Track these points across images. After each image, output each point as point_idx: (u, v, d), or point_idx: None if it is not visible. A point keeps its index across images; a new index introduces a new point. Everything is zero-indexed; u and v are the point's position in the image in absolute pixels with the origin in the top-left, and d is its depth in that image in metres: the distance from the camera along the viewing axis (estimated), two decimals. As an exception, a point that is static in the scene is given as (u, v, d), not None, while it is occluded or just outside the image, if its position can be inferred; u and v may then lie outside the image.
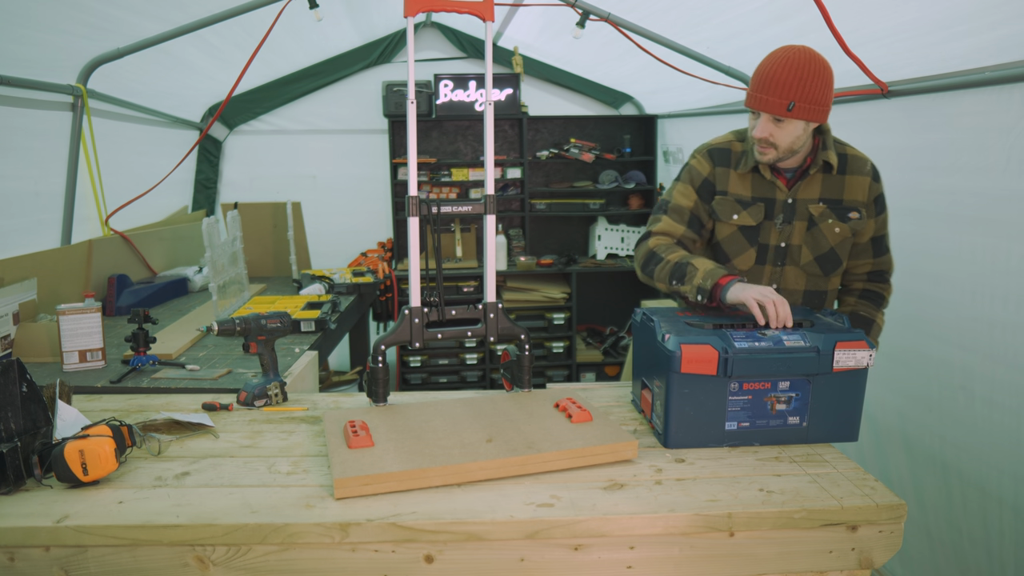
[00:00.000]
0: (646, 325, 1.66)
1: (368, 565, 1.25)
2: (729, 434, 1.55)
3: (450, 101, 4.86)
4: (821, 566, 1.32)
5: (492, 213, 1.73)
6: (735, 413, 1.54)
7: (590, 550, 1.28)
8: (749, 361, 1.50)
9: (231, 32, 3.42)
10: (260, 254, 3.97)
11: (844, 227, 1.86)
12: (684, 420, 1.53)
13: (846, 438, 1.60)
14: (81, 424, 1.52)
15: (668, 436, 1.54)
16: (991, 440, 2.05)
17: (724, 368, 1.50)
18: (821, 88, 1.70)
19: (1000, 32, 1.89)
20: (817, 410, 1.56)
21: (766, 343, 1.53)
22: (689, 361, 1.49)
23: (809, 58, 1.70)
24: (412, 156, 1.64)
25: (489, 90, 1.69)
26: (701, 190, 1.91)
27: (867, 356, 1.54)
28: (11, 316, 2.30)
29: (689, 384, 1.51)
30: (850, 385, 1.56)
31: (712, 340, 1.51)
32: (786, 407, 1.55)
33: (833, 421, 1.58)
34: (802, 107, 1.70)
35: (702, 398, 1.52)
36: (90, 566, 1.24)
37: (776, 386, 1.54)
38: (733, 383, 1.52)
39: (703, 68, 3.39)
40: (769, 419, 1.55)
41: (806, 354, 1.52)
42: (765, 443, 1.57)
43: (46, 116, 2.91)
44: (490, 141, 1.70)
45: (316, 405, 1.83)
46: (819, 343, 1.53)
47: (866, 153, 1.91)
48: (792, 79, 1.69)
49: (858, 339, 1.54)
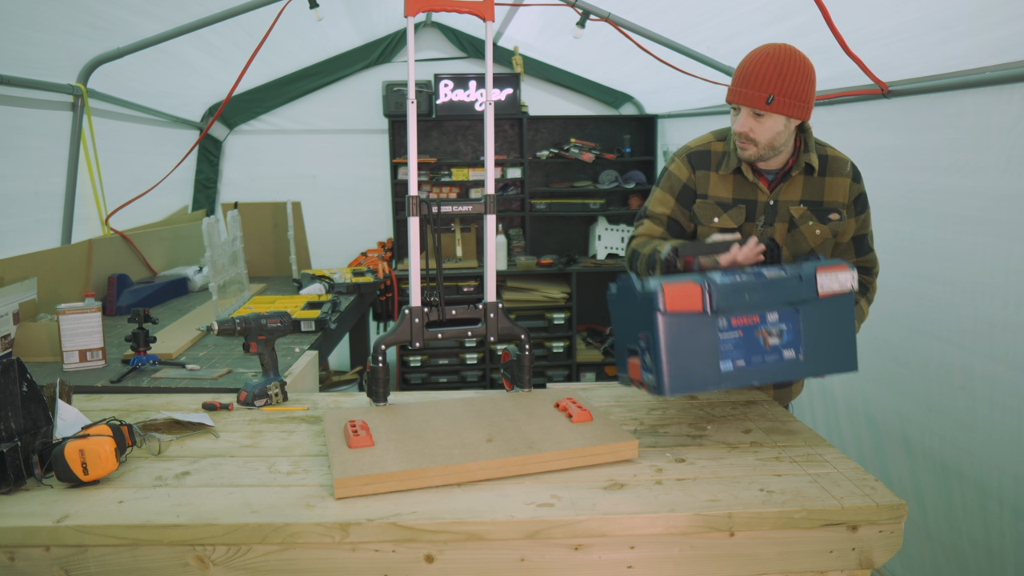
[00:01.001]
0: (623, 288, 1.60)
1: (368, 565, 1.25)
2: (726, 375, 1.50)
3: (450, 101, 4.86)
4: (821, 566, 1.32)
5: (492, 213, 1.73)
6: (729, 352, 1.50)
7: (590, 550, 1.28)
8: (732, 293, 1.48)
9: (231, 32, 3.42)
10: (260, 254, 3.97)
11: (825, 228, 1.85)
12: (678, 361, 1.47)
13: (846, 368, 1.58)
14: (81, 424, 1.52)
15: (664, 381, 1.46)
16: (991, 440, 2.05)
17: (709, 302, 1.46)
18: (801, 83, 1.70)
19: (1000, 32, 1.89)
20: (811, 341, 1.54)
21: (747, 276, 1.51)
22: (673, 298, 1.44)
23: (789, 54, 1.70)
24: (412, 156, 1.64)
25: (489, 90, 1.69)
26: (681, 196, 1.90)
27: (850, 278, 1.54)
28: (11, 316, 2.30)
29: (677, 325, 1.46)
30: (839, 312, 1.55)
31: (693, 278, 1.49)
32: (779, 340, 1.52)
33: (830, 351, 1.56)
34: (781, 101, 1.69)
35: (692, 339, 1.47)
36: (90, 566, 1.24)
37: (765, 319, 1.51)
38: (721, 319, 1.48)
39: (703, 68, 3.39)
40: (764, 355, 1.52)
41: (789, 281, 1.52)
42: (764, 380, 1.53)
43: (46, 116, 2.91)
44: (490, 141, 1.70)
45: (316, 405, 1.83)
46: (800, 271, 1.53)
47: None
48: (771, 73, 1.68)
49: (838, 263, 1.56)
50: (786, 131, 1.75)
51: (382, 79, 4.93)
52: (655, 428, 1.67)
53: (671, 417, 1.73)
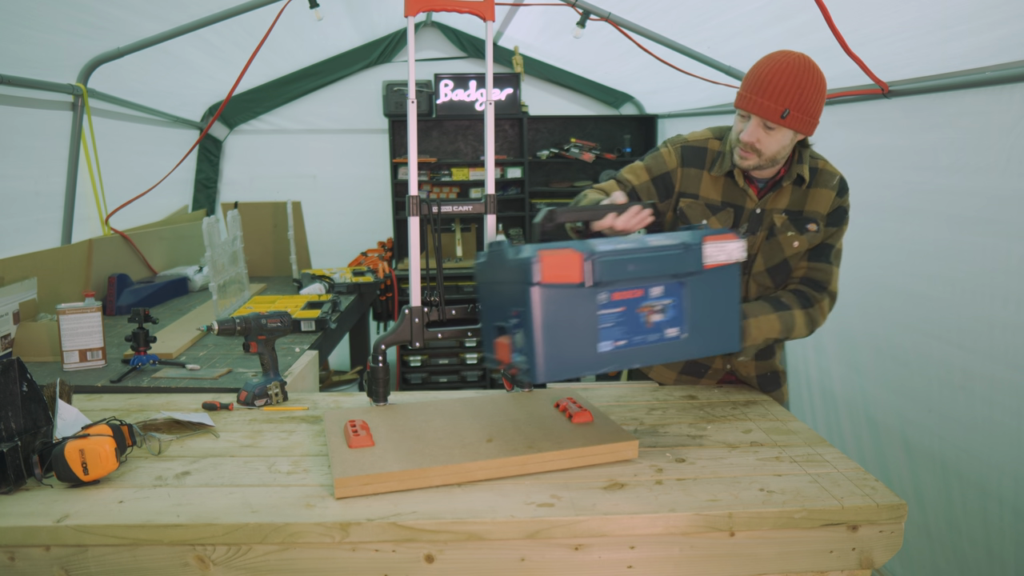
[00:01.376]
0: (493, 255, 1.46)
1: (368, 565, 1.25)
2: (604, 357, 1.37)
3: (450, 101, 4.86)
4: (821, 566, 1.32)
5: (493, 213, 1.73)
6: (608, 330, 1.37)
7: (590, 550, 1.28)
8: (615, 263, 1.35)
9: (231, 32, 3.42)
10: (260, 254, 3.97)
11: (802, 239, 1.80)
12: (554, 343, 1.32)
13: (727, 348, 1.50)
14: (81, 423, 1.52)
15: (537, 367, 1.32)
16: (991, 440, 2.05)
17: (590, 272, 1.33)
18: (816, 99, 1.65)
19: (1000, 32, 1.89)
20: (694, 318, 1.44)
21: (630, 244, 1.40)
22: (550, 267, 1.30)
23: (808, 66, 1.63)
24: (412, 156, 1.64)
25: (490, 90, 1.69)
26: (657, 180, 1.84)
27: (738, 248, 1.46)
28: (11, 315, 2.30)
29: (554, 299, 1.31)
30: (724, 285, 1.47)
31: (572, 245, 1.36)
32: (662, 317, 1.42)
33: (712, 330, 1.47)
34: (795, 116, 1.63)
35: (570, 315, 1.33)
36: (90, 566, 1.24)
37: (648, 293, 1.40)
38: (602, 293, 1.35)
39: (703, 68, 3.39)
40: (646, 334, 1.41)
41: (674, 251, 1.41)
42: (645, 362, 1.43)
43: (46, 116, 2.91)
44: (491, 141, 1.69)
45: (316, 405, 1.83)
46: (686, 238, 1.44)
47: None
48: (790, 85, 1.61)
49: (726, 232, 1.46)
50: (790, 145, 1.71)
51: (382, 79, 4.93)
52: (655, 428, 1.67)
53: (671, 417, 1.74)
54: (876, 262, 2.44)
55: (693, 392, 1.92)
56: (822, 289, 1.82)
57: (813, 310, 1.80)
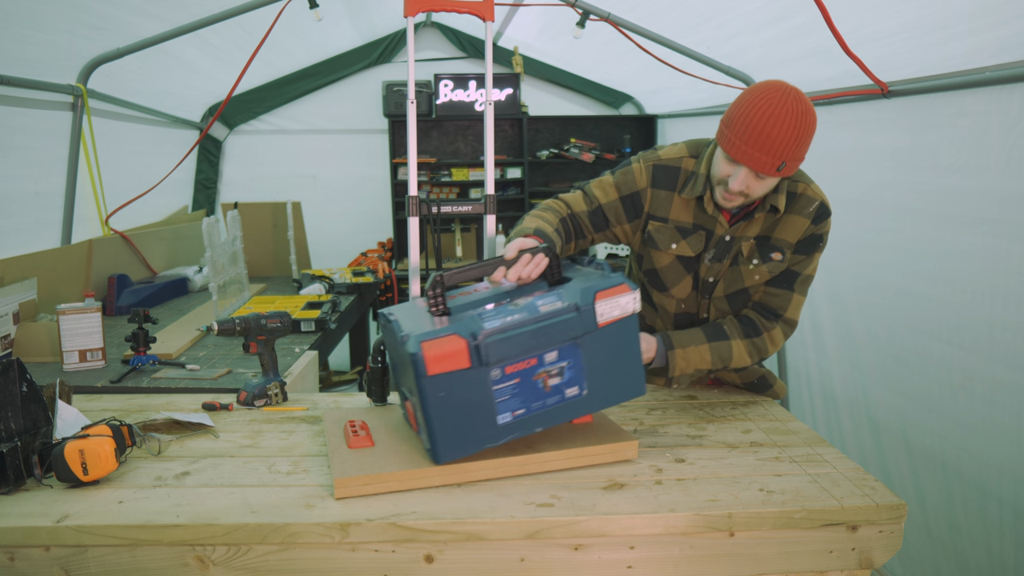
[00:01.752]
0: (387, 327, 1.43)
1: (368, 565, 1.25)
2: (505, 428, 1.35)
3: (450, 101, 4.86)
4: (821, 566, 1.32)
5: (492, 213, 1.73)
6: (506, 403, 1.34)
7: (590, 550, 1.28)
8: (505, 341, 1.31)
9: (231, 32, 3.42)
10: (260, 254, 3.97)
11: (763, 269, 1.71)
12: (449, 428, 1.32)
13: (633, 394, 1.46)
14: (81, 424, 1.52)
15: (437, 451, 1.33)
16: (991, 440, 2.05)
17: (478, 356, 1.30)
18: (809, 143, 1.54)
19: (1000, 32, 1.89)
20: (594, 374, 1.40)
21: (520, 314, 1.33)
22: (435, 360, 1.27)
23: (804, 113, 1.50)
24: (412, 156, 1.64)
25: (489, 90, 1.69)
26: (626, 200, 1.75)
27: (631, 300, 1.39)
28: (11, 316, 2.30)
29: (444, 385, 1.29)
30: (622, 337, 1.41)
31: (457, 328, 1.31)
32: (560, 380, 1.37)
33: (614, 381, 1.43)
34: (790, 166, 1.53)
35: (463, 397, 1.31)
36: (90, 566, 1.24)
37: (543, 360, 1.35)
38: (494, 370, 1.32)
39: (703, 68, 3.39)
40: (545, 399, 1.37)
41: (566, 315, 1.35)
42: (547, 425, 1.39)
43: (46, 116, 2.91)
44: (490, 141, 1.70)
45: (316, 405, 1.83)
46: (577, 299, 1.37)
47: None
48: (788, 138, 1.48)
49: (617, 283, 1.39)
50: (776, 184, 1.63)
51: (382, 79, 4.93)
52: (655, 428, 1.66)
53: (671, 417, 1.73)
54: (876, 262, 2.44)
55: (693, 392, 1.91)
56: (774, 317, 1.73)
57: (759, 339, 1.72)
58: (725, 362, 1.71)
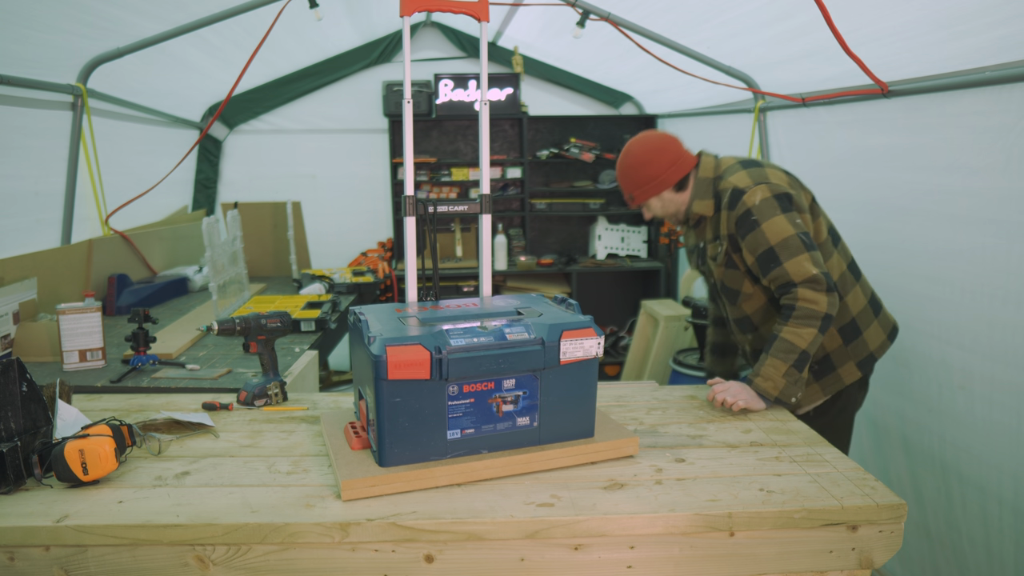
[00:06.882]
0: (355, 326, 1.47)
1: (368, 565, 1.25)
2: (452, 444, 1.38)
3: (450, 101, 4.86)
4: (821, 566, 1.32)
5: (488, 212, 1.73)
6: (457, 420, 1.37)
7: (590, 550, 1.28)
8: (467, 360, 1.34)
9: (231, 32, 3.42)
10: (260, 254, 3.97)
11: (720, 260, 1.99)
12: (399, 434, 1.34)
13: (581, 435, 1.48)
14: (81, 424, 1.52)
15: (383, 453, 1.35)
16: (991, 440, 2.05)
17: (438, 370, 1.33)
18: (641, 170, 1.97)
19: (1000, 32, 1.89)
20: (548, 408, 1.43)
21: (486, 338, 1.37)
22: (397, 365, 1.30)
23: (624, 153, 2.01)
24: (408, 156, 1.64)
25: (484, 90, 1.69)
26: None
27: (595, 345, 1.43)
28: (11, 315, 2.30)
29: (401, 392, 1.32)
30: (580, 378, 1.44)
31: (424, 339, 1.34)
32: (513, 407, 1.41)
33: (566, 419, 1.46)
34: (639, 193, 2.02)
35: (417, 406, 1.34)
36: (90, 566, 1.24)
37: (501, 385, 1.39)
38: (452, 386, 1.35)
39: (703, 68, 3.39)
40: (496, 423, 1.40)
41: (531, 347, 1.38)
42: (494, 449, 1.42)
43: (46, 116, 2.90)
44: (485, 140, 1.70)
45: (316, 405, 1.83)
46: (544, 333, 1.40)
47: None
48: (622, 179, 2.04)
49: (585, 326, 1.43)
50: (674, 199, 2.02)
51: (382, 79, 4.93)
52: (655, 428, 1.67)
53: (671, 417, 1.74)
54: (876, 262, 2.44)
55: (693, 392, 1.92)
56: (792, 287, 1.83)
57: (797, 311, 1.80)
58: (793, 351, 1.79)
